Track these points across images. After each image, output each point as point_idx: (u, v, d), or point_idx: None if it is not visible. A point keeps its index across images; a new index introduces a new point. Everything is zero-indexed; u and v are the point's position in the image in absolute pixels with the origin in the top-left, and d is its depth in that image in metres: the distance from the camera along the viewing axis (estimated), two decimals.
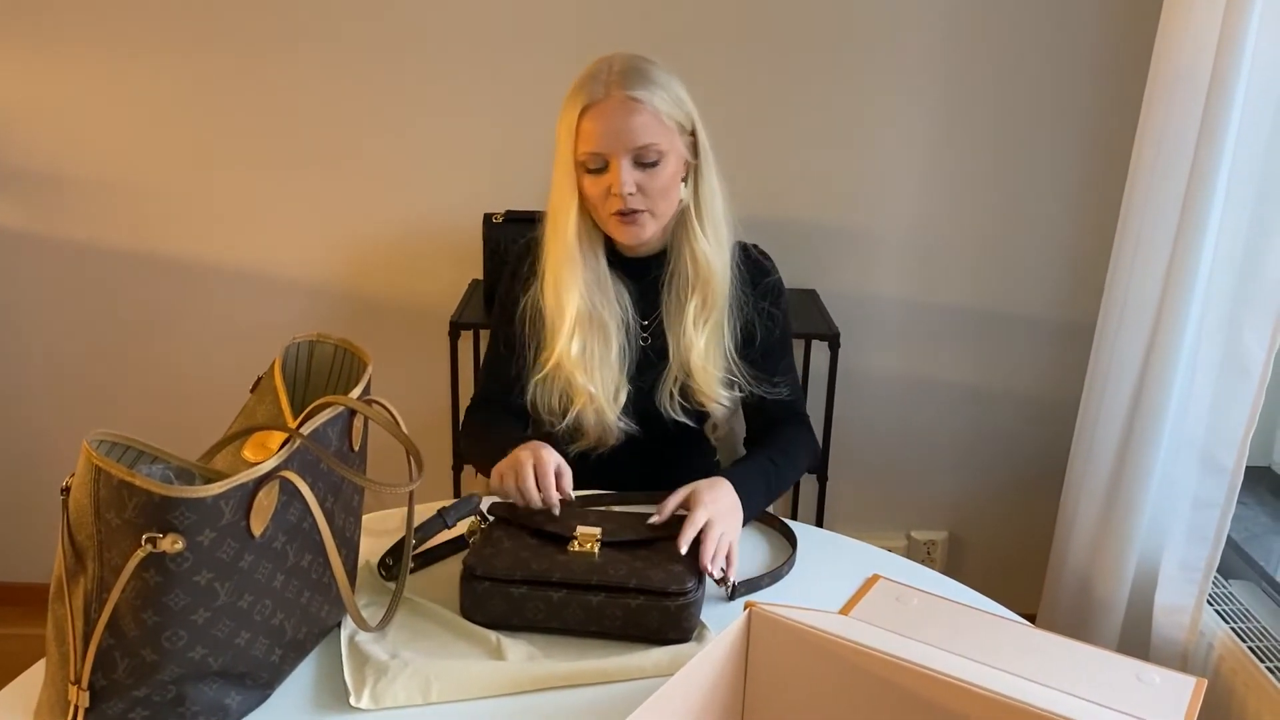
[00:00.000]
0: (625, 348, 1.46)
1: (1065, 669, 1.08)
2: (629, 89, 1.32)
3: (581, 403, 1.43)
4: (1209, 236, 1.65)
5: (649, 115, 1.33)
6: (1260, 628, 1.64)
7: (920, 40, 2.15)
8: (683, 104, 1.38)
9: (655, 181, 1.35)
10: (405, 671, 1.05)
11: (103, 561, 0.88)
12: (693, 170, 1.41)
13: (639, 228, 1.38)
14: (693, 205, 1.42)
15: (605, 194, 1.36)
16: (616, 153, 1.33)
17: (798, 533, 1.37)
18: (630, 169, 1.34)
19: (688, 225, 1.42)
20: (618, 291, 1.45)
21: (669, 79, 1.37)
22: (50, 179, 2.23)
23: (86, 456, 0.87)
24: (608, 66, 1.35)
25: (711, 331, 1.44)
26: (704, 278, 1.42)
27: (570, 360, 1.40)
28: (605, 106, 1.32)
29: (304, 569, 1.01)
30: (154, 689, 0.92)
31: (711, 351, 1.44)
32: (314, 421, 0.99)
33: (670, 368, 1.46)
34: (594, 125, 1.33)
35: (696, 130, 1.40)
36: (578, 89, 1.35)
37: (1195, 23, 1.66)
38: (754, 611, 0.99)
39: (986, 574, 2.49)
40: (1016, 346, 2.35)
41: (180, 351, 2.35)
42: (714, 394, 1.45)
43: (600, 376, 1.43)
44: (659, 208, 1.38)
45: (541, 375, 1.44)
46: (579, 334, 1.40)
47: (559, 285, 1.40)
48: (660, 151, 1.34)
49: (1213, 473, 1.61)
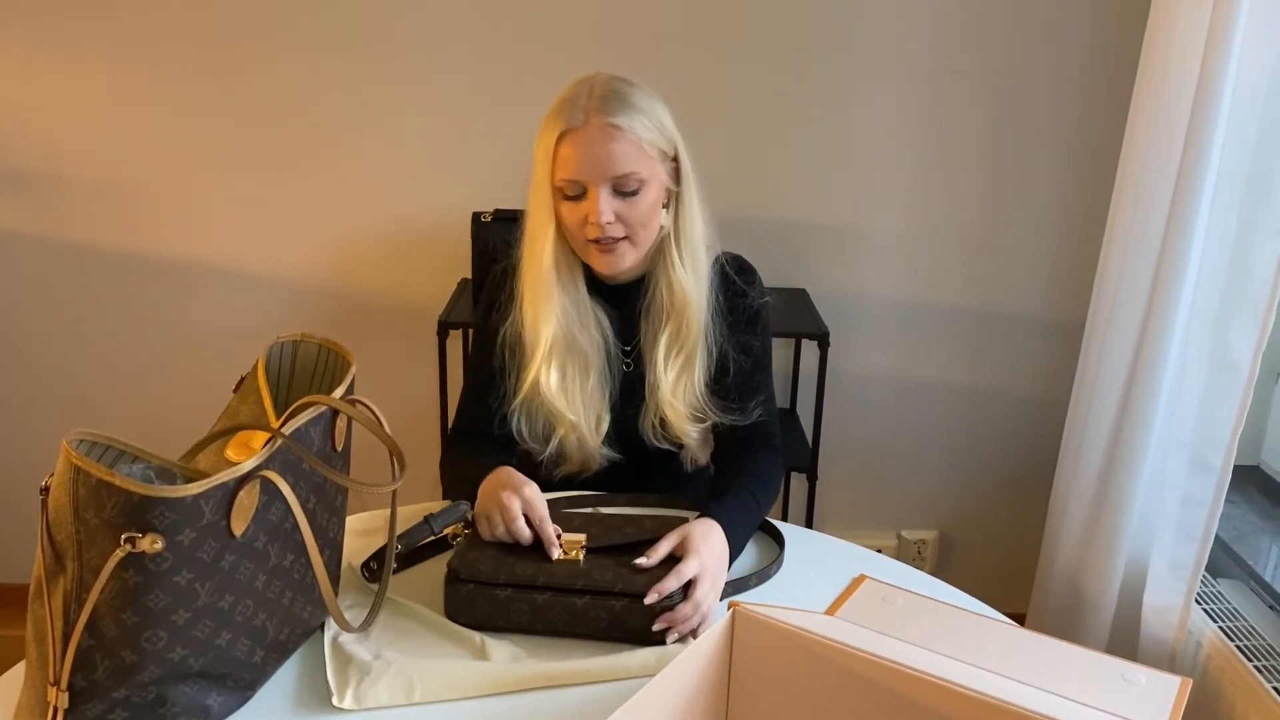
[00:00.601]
0: (606, 375, 1.42)
1: (1051, 669, 1.08)
2: (609, 115, 1.27)
3: (563, 430, 1.40)
4: (1197, 236, 1.65)
5: (629, 143, 1.28)
6: (1248, 626, 1.64)
7: (911, 40, 2.15)
8: (664, 129, 1.33)
9: (635, 211, 1.31)
10: (388, 672, 1.05)
11: (82, 562, 0.88)
12: (674, 197, 1.37)
13: (617, 257, 1.34)
14: (672, 233, 1.37)
15: (583, 221, 1.31)
16: (595, 181, 1.28)
17: (785, 533, 1.37)
18: (609, 198, 1.29)
19: (666, 254, 1.38)
20: (598, 318, 1.40)
21: (651, 103, 1.32)
22: (34, 178, 2.21)
23: (66, 456, 0.86)
24: (587, 90, 1.29)
25: (683, 366, 1.40)
26: (679, 308, 1.38)
27: (550, 390, 1.37)
28: (584, 134, 1.27)
29: (286, 569, 1.01)
30: (134, 690, 0.92)
31: (680, 388, 1.40)
32: (296, 421, 0.99)
33: (646, 397, 1.43)
34: (572, 152, 1.28)
35: (679, 155, 1.36)
36: (556, 113, 1.30)
37: (1183, 24, 1.66)
38: (738, 611, 0.99)
39: (976, 573, 2.50)
40: (1006, 346, 2.35)
41: (164, 350, 2.34)
42: (683, 431, 1.42)
43: (581, 405, 1.39)
44: (639, 236, 1.33)
45: (520, 400, 1.40)
46: (556, 361, 1.36)
47: (536, 311, 1.36)
48: (640, 180, 1.30)
49: (1201, 471, 1.61)
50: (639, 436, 1.45)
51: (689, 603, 1.14)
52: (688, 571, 1.15)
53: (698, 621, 1.15)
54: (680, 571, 1.15)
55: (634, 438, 1.45)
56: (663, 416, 1.41)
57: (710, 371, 1.43)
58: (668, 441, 1.45)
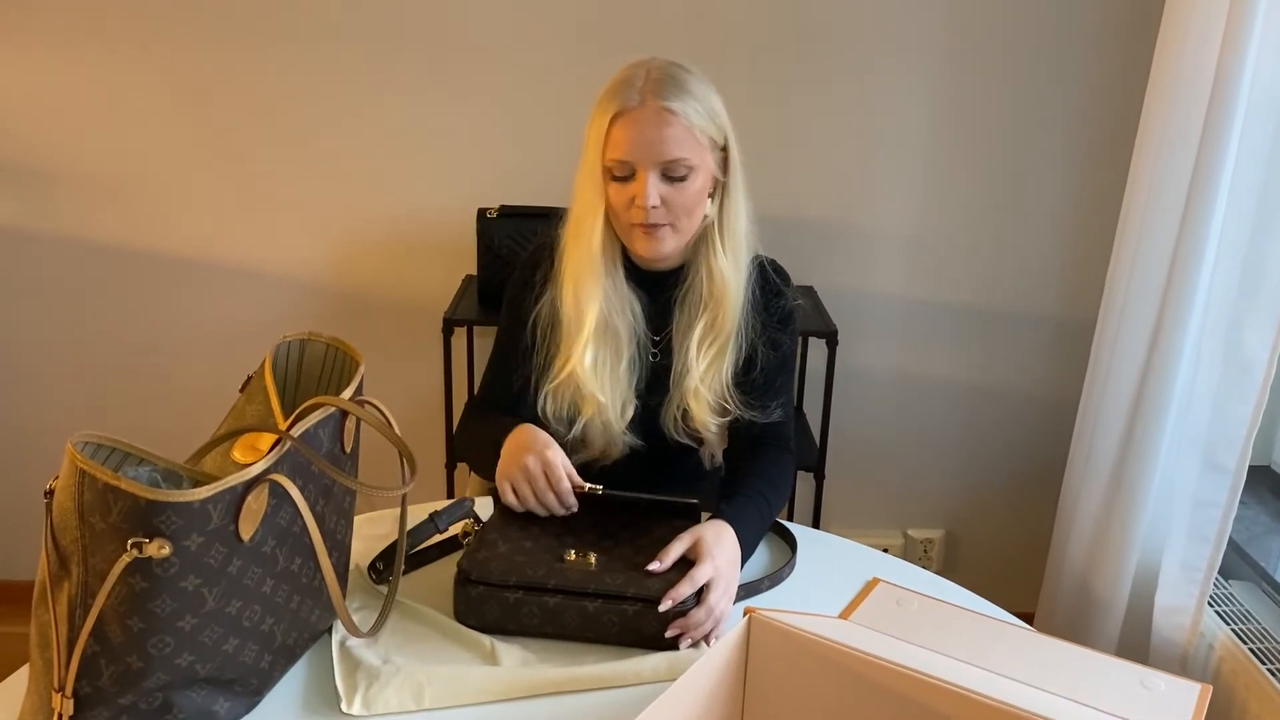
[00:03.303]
0: (635, 361, 1.42)
1: (1068, 674, 1.06)
2: (664, 99, 1.27)
3: (590, 412, 1.39)
4: (1211, 236, 1.64)
5: (682, 128, 1.28)
6: (1261, 629, 1.63)
7: (921, 38, 2.14)
8: (717, 118, 1.32)
9: (681, 196, 1.31)
10: (397, 677, 1.03)
11: (87, 566, 0.86)
12: (720, 187, 1.37)
13: (659, 242, 1.33)
14: (716, 222, 1.37)
15: (628, 203, 1.31)
16: (644, 163, 1.28)
17: (797, 535, 1.36)
18: (656, 181, 1.29)
19: (709, 242, 1.38)
20: (631, 304, 1.40)
21: (706, 91, 1.32)
22: (36, 174, 2.20)
23: (71, 459, 0.85)
24: (644, 73, 1.29)
25: (715, 356, 1.40)
26: (718, 297, 1.38)
27: (583, 370, 1.36)
28: (638, 114, 1.27)
29: (294, 573, 0.99)
30: (140, 696, 0.90)
31: (710, 376, 1.40)
32: (305, 423, 0.97)
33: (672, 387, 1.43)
34: (625, 133, 1.28)
35: (729, 146, 1.35)
36: (611, 94, 1.29)
37: (1198, 22, 1.65)
38: (754, 618, 0.97)
39: (984, 573, 2.49)
40: (1016, 345, 2.34)
41: (169, 349, 2.32)
42: (704, 423, 1.41)
43: (610, 388, 1.39)
44: (682, 223, 1.33)
45: (554, 384, 1.40)
46: (594, 343, 1.36)
47: (580, 292, 1.36)
48: (689, 166, 1.30)
49: (1214, 472, 1.60)
50: (660, 428, 1.45)
51: (702, 608, 1.12)
52: (701, 577, 1.14)
53: (710, 627, 1.13)
54: (694, 577, 1.13)
55: (655, 429, 1.45)
56: (685, 408, 1.41)
57: (739, 364, 1.43)
58: (688, 435, 1.44)
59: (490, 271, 2.03)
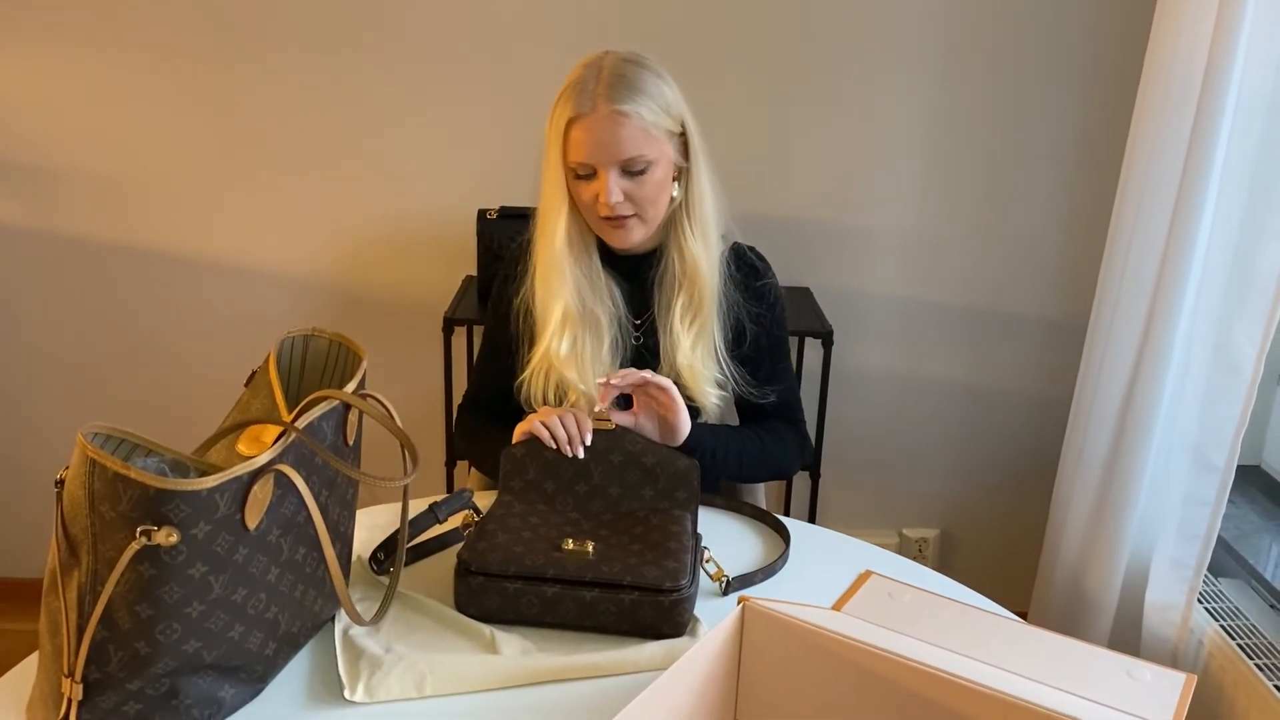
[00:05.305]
0: (618, 342, 1.47)
1: (1057, 664, 1.08)
2: (615, 102, 1.31)
3: (574, 398, 1.44)
4: (1201, 236, 1.65)
5: (635, 128, 1.32)
6: (1249, 625, 1.65)
7: (915, 39, 2.16)
8: (671, 109, 1.37)
9: (643, 189, 1.36)
10: (399, 665, 1.05)
11: (97, 554, 0.88)
12: (683, 172, 1.42)
13: (627, 232, 1.40)
14: (683, 204, 1.43)
15: (594, 199, 1.37)
16: (603, 164, 1.34)
17: (791, 529, 1.38)
18: (618, 178, 1.35)
19: (678, 224, 1.44)
20: (610, 289, 1.46)
21: (658, 84, 1.36)
22: (42, 172, 2.22)
23: (81, 449, 0.87)
24: (595, 74, 1.33)
25: (699, 331, 1.45)
26: (691, 275, 1.43)
27: (560, 358, 1.41)
28: (591, 120, 1.32)
29: (298, 563, 1.01)
30: (147, 682, 0.92)
31: (699, 349, 1.45)
32: (309, 415, 0.99)
33: (661, 367, 1.46)
34: (581, 136, 1.33)
35: (687, 130, 1.40)
36: (565, 97, 1.34)
37: (1188, 23, 1.67)
38: (747, 606, 0.99)
39: (978, 571, 2.50)
40: (1009, 345, 2.36)
41: (174, 345, 2.34)
42: (701, 392, 1.45)
43: (592, 371, 1.43)
44: (648, 213, 1.39)
45: (528, 373, 1.45)
46: (568, 331, 1.41)
47: (548, 285, 1.42)
48: (648, 161, 1.35)
49: (1204, 471, 1.62)
50: None
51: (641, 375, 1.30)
52: (649, 377, 1.31)
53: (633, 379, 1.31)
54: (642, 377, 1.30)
55: None
56: (678, 376, 1.44)
57: (728, 337, 1.49)
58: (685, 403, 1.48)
59: (490, 272, 2.04)
